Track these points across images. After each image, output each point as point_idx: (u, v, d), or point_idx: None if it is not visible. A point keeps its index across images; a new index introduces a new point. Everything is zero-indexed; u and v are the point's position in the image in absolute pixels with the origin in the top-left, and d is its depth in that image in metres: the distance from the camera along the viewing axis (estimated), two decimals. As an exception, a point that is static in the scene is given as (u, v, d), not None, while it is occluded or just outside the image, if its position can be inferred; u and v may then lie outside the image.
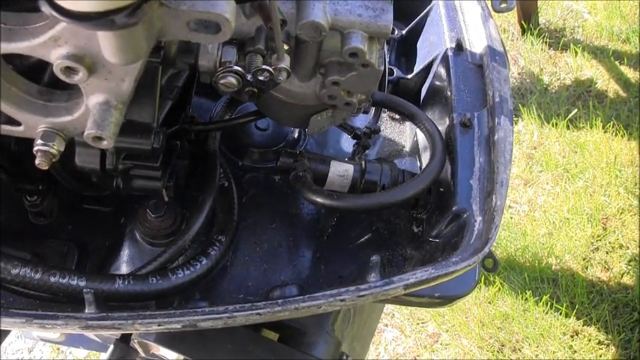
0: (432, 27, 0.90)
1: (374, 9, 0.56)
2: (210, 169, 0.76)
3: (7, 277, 0.63)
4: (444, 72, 0.82)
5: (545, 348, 2.01)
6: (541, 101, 2.69)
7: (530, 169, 2.50)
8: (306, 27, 0.54)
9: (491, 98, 0.73)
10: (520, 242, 2.18)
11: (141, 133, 0.60)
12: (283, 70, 0.57)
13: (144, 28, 0.46)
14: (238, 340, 0.77)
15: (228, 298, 0.74)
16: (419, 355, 2.07)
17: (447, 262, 0.62)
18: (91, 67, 0.49)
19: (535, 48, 2.87)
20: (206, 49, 0.59)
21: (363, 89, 0.62)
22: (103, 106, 0.52)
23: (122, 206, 0.78)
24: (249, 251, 0.78)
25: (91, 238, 0.77)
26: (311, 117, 0.68)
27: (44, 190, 0.74)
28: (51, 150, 0.54)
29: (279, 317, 0.64)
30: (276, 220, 0.80)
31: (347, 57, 0.56)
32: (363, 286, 0.64)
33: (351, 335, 0.93)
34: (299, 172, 0.72)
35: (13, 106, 0.53)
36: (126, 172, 0.65)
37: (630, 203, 2.36)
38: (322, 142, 0.89)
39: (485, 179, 0.69)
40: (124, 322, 0.61)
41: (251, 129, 0.85)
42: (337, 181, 0.73)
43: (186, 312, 0.62)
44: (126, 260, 0.76)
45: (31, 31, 0.47)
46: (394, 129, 0.92)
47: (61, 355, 2.03)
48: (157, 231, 0.74)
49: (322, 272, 0.77)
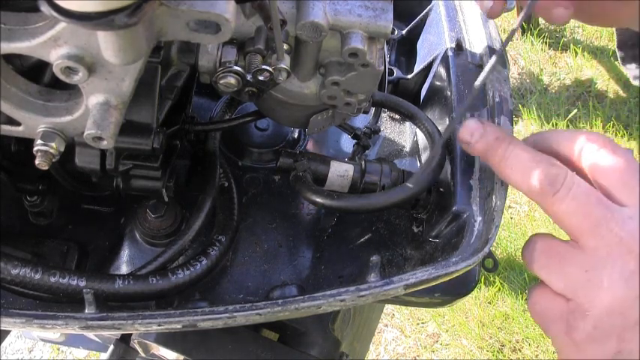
0: (432, 27, 0.90)
1: (374, 9, 0.56)
2: (210, 169, 0.76)
3: (7, 277, 0.63)
4: (444, 72, 0.82)
5: (545, 348, 2.01)
6: (541, 101, 2.69)
7: (530, 169, 2.49)
8: (306, 27, 0.54)
9: (491, 98, 0.73)
10: (520, 242, 2.18)
11: (141, 133, 0.60)
12: (283, 70, 0.57)
13: (144, 28, 0.46)
14: (238, 340, 0.77)
15: (228, 298, 0.74)
16: (419, 355, 2.07)
17: (447, 262, 0.62)
18: (91, 67, 0.49)
19: (535, 48, 2.87)
20: (206, 49, 0.59)
21: (363, 89, 0.62)
22: (103, 106, 0.52)
23: (122, 206, 0.78)
24: (249, 251, 0.78)
25: (91, 238, 0.77)
26: (311, 117, 0.68)
27: (44, 190, 0.74)
28: (51, 150, 0.54)
29: (279, 317, 0.64)
30: (276, 220, 0.81)
31: (347, 57, 0.56)
32: (363, 286, 0.64)
33: (351, 335, 0.93)
34: (299, 172, 0.72)
35: (13, 106, 0.53)
36: (126, 172, 0.65)
37: (630, 203, 2.35)
38: (322, 142, 0.89)
39: (485, 179, 0.69)
40: (124, 322, 0.61)
41: (251, 129, 0.85)
42: (337, 181, 0.73)
43: (186, 312, 0.62)
44: (126, 260, 0.76)
45: (31, 31, 0.47)
46: (394, 129, 0.92)
47: (61, 355, 2.03)
48: (157, 231, 0.74)
49: (322, 272, 0.77)
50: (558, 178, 0.57)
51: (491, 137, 0.62)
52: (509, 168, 0.60)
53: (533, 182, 0.58)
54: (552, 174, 0.57)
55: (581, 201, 0.56)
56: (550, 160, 0.58)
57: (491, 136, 0.62)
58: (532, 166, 0.58)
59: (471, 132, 0.63)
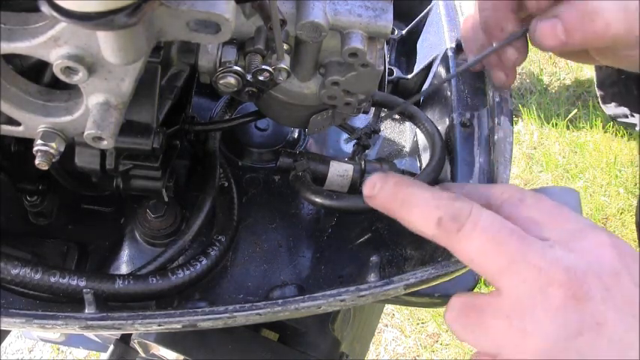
0: (432, 27, 0.90)
1: (374, 9, 0.56)
2: (210, 169, 0.76)
3: (7, 277, 0.63)
4: (444, 72, 0.82)
5: (545, 348, 2.00)
6: (541, 101, 2.69)
7: (530, 169, 2.50)
8: (306, 27, 0.54)
9: (491, 98, 0.73)
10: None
11: (141, 133, 0.60)
12: (283, 70, 0.57)
13: (144, 28, 0.46)
14: (238, 340, 0.77)
15: (228, 298, 0.74)
16: (419, 355, 2.07)
17: (447, 262, 0.62)
18: (91, 67, 0.49)
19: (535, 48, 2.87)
20: (206, 49, 0.59)
21: (363, 89, 0.62)
22: (103, 106, 0.52)
23: (122, 206, 0.78)
24: (249, 251, 0.78)
25: (91, 238, 0.77)
26: (311, 117, 0.68)
27: (44, 190, 0.74)
28: (51, 150, 0.54)
29: (279, 317, 0.64)
30: (276, 220, 0.81)
31: (347, 57, 0.56)
32: (363, 286, 0.64)
33: (351, 335, 0.93)
34: (298, 172, 0.72)
35: (13, 106, 0.53)
36: (126, 172, 0.65)
37: (630, 203, 2.35)
38: (322, 142, 0.89)
39: (485, 179, 0.69)
40: (124, 322, 0.61)
41: (251, 129, 0.85)
42: (337, 181, 0.73)
43: (186, 312, 0.62)
44: (126, 260, 0.76)
45: (31, 31, 0.47)
46: (394, 129, 0.92)
47: (61, 355, 2.03)
48: (157, 231, 0.74)
49: (322, 272, 0.77)
50: (462, 212, 0.50)
51: (391, 183, 0.56)
52: (409, 210, 0.54)
53: (433, 220, 0.51)
54: (455, 207, 0.50)
55: (491, 234, 0.48)
56: (453, 196, 0.52)
57: (391, 182, 0.56)
58: (432, 203, 0.52)
59: (373, 185, 0.57)
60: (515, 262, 0.47)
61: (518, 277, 0.47)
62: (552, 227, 0.50)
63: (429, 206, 0.52)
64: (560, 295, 0.46)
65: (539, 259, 0.47)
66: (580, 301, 0.45)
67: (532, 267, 0.47)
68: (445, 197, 0.52)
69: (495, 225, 0.49)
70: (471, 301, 0.52)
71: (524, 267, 0.47)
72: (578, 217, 0.52)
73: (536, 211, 0.51)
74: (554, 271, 0.46)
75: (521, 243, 0.48)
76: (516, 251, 0.47)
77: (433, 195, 0.53)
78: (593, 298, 0.45)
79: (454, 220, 0.50)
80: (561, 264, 0.46)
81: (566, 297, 0.45)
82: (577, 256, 0.47)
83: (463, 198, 0.52)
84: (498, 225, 0.49)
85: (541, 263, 0.47)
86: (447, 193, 0.53)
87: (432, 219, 0.51)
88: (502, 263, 0.48)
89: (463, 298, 0.52)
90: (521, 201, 0.53)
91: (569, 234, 0.49)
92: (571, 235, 0.49)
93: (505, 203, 0.53)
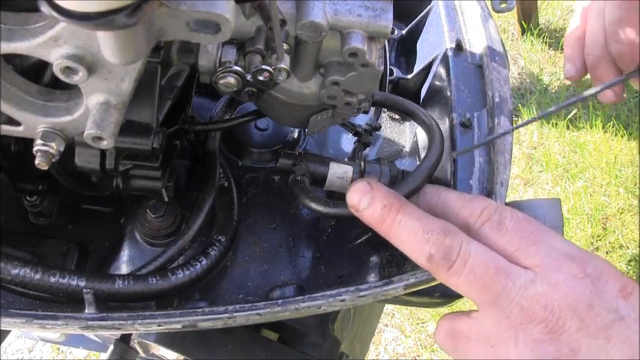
0: (432, 27, 0.90)
1: (374, 9, 0.56)
2: (210, 169, 0.76)
3: (7, 277, 0.63)
4: (443, 72, 0.82)
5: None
6: (541, 101, 2.69)
7: (530, 169, 2.50)
8: (306, 27, 0.54)
9: (491, 98, 0.73)
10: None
11: (141, 133, 0.60)
12: (283, 70, 0.57)
13: (144, 28, 0.46)
14: (238, 340, 0.78)
15: (228, 298, 0.74)
16: (419, 355, 2.07)
17: (447, 262, 0.62)
18: (91, 67, 0.49)
19: (535, 48, 2.87)
20: (206, 49, 0.59)
21: (363, 89, 0.62)
22: (103, 106, 0.52)
23: (122, 206, 0.78)
24: (249, 251, 0.78)
25: (91, 238, 0.77)
26: (311, 117, 0.68)
27: (44, 190, 0.74)
28: (51, 150, 0.54)
29: (279, 317, 0.64)
30: (276, 220, 0.81)
31: (347, 57, 0.56)
32: (363, 286, 0.64)
33: (351, 335, 0.94)
34: (297, 177, 0.72)
35: (13, 106, 0.53)
36: (126, 172, 0.65)
37: (630, 203, 2.36)
38: (322, 142, 0.89)
39: (485, 179, 0.69)
40: (124, 322, 0.61)
41: (251, 129, 0.85)
42: (336, 183, 0.73)
43: (186, 312, 0.62)
44: (126, 260, 0.76)
45: (31, 31, 0.47)
46: (394, 129, 0.92)
47: (61, 355, 2.03)
48: (157, 231, 0.74)
49: (322, 272, 0.77)
50: (453, 250, 0.54)
51: (378, 206, 0.58)
52: (399, 240, 0.57)
53: (425, 257, 0.55)
54: (446, 246, 0.54)
55: (479, 273, 0.53)
56: (443, 228, 0.55)
57: (379, 205, 0.58)
58: (423, 238, 0.55)
59: (359, 197, 0.59)
60: (500, 299, 0.53)
61: (502, 313, 0.53)
62: (531, 254, 0.54)
63: (419, 241, 0.56)
64: (538, 331, 0.51)
65: (520, 296, 0.52)
66: (557, 334, 0.51)
67: (515, 304, 0.52)
68: (436, 230, 0.55)
69: (483, 264, 0.54)
70: (456, 324, 0.58)
71: (507, 304, 0.52)
72: (554, 240, 0.55)
73: (515, 236, 0.55)
74: (534, 308, 0.52)
75: (505, 279, 0.53)
76: (502, 290, 0.53)
77: (423, 227, 0.56)
78: (568, 330, 0.51)
79: (445, 259, 0.54)
80: (541, 301, 0.52)
81: (544, 332, 0.51)
82: (554, 290, 0.52)
83: (451, 228, 0.55)
84: (486, 264, 0.54)
85: (522, 301, 0.52)
86: (435, 222, 0.56)
87: (423, 253, 0.55)
88: (487, 299, 0.53)
89: (448, 321, 0.59)
90: (500, 224, 0.56)
91: (546, 265, 0.53)
92: (548, 266, 0.53)
93: (485, 227, 0.57)
